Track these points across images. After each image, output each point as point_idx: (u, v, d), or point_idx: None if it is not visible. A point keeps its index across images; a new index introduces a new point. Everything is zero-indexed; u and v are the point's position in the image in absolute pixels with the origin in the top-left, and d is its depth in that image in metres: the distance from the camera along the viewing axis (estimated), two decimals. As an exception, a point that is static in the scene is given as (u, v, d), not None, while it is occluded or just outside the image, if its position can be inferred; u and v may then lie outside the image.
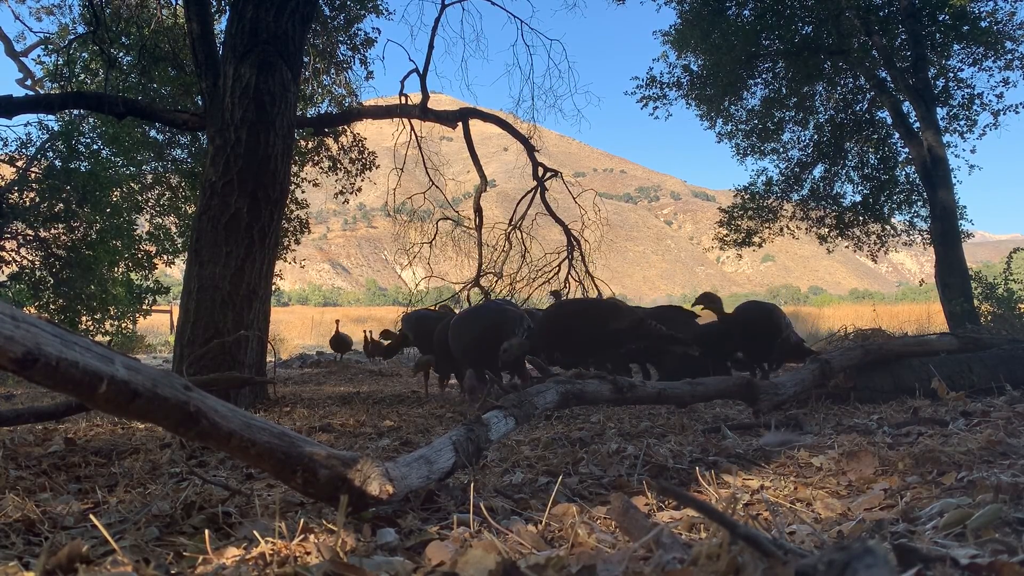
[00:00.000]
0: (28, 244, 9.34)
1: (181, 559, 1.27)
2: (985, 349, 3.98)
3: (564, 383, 2.43)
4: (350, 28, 10.75)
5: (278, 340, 13.58)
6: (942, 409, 3.07)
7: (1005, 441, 2.14)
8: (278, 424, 1.51)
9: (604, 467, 2.17)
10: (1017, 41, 11.04)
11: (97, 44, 8.57)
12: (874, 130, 12.62)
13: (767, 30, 11.75)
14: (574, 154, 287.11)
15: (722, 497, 1.74)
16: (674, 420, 3.24)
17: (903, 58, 11.14)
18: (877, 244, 13.10)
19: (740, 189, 13.59)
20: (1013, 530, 1.25)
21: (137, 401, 1.21)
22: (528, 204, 9.98)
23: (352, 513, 1.44)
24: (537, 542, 1.34)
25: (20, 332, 1.06)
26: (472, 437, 1.86)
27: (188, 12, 5.24)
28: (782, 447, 2.37)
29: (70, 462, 2.40)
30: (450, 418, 3.71)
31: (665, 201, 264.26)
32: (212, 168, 4.54)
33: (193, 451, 2.54)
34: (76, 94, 7.55)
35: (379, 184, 11.17)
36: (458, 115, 8.85)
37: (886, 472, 1.92)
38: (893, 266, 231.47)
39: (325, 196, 12.43)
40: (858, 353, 3.65)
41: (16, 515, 1.57)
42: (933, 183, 10.69)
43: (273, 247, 4.70)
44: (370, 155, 11.48)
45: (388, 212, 11.49)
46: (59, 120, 9.57)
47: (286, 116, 4.67)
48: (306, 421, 3.58)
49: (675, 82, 12.81)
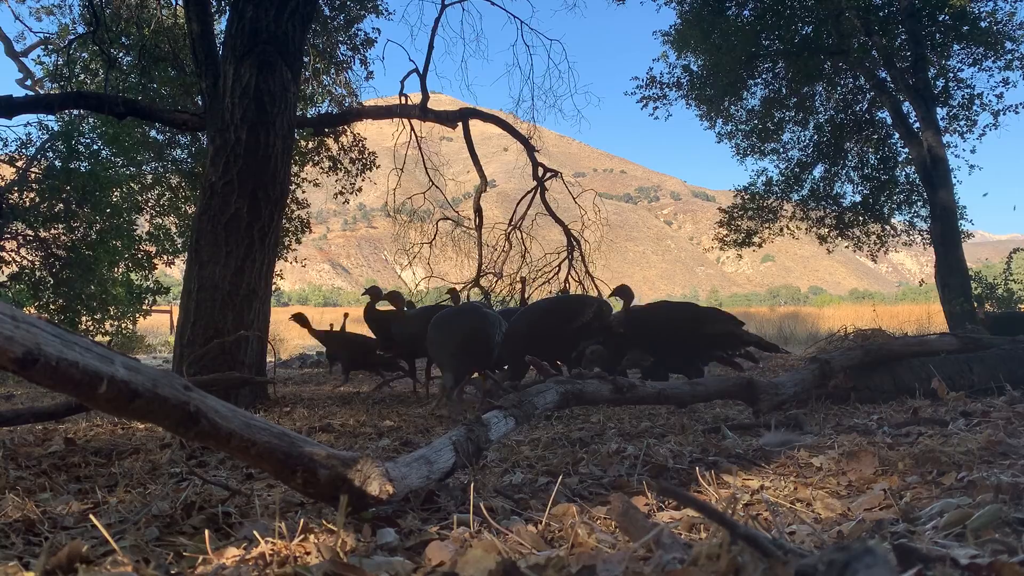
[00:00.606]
0: (28, 244, 9.33)
1: (181, 559, 1.27)
2: (985, 349, 3.98)
3: (564, 383, 2.43)
4: (350, 28, 10.76)
5: (278, 340, 13.58)
6: (942, 409, 3.07)
7: (1005, 441, 2.14)
8: (278, 424, 1.51)
9: (604, 467, 2.17)
10: (1017, 41, 11.04)
11: (97, 44, 8.57)
12: (874, 130, 12.62)
13: (767, 30, 11.75)
14: (574, 154, 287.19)
15: (722, 497, 1.74)
16: (674, 420, 3.24)
17: (903, 58, 11.14)
18: (877, 244, 13.11)
19: (740, 189, 13.59)
20: (1013, 530, 1.25)
21: (137, 401, 1.21)
22: (528, 204, 9.98)
23: (352, 513, 1.44)
24: (537, 542, 1.34)
25: (20, 332, 1.07)
26: (472, 437, 1.87)
27: (188, 12, 5.23)
28: (782, 447, 2.37)
29: (70, 462, 2.40)
30: (449, 418, 3.71)
31: (665, 201, 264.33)
32: (212, 168, 4.54)
33: (193, 451, 2.54)
34: (76, 94, 7.55)
35: (379, 184, 11.17)
36: (458, 115, 8.86)
37: (886, 472, 1.92)
38: (893, 266, 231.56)
39: (325, 196, 12.43)
40: (858, 353, 3.65)
41: (16, 515, 1.57)
42: (933, 183, 10.70)
43: (273, 247, 4.70)
44: (370, 155, 11.49)
45: (388, 212, 11.50)
46: (59, 120, 9.57)
47: (286, 116, 4.67)
48: (306, 421, 3.58)
49: (675, 82, 12.82)
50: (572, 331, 4.36)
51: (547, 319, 4.46)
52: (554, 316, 4.49)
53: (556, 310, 4.64)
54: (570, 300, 5.80)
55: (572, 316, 4.40)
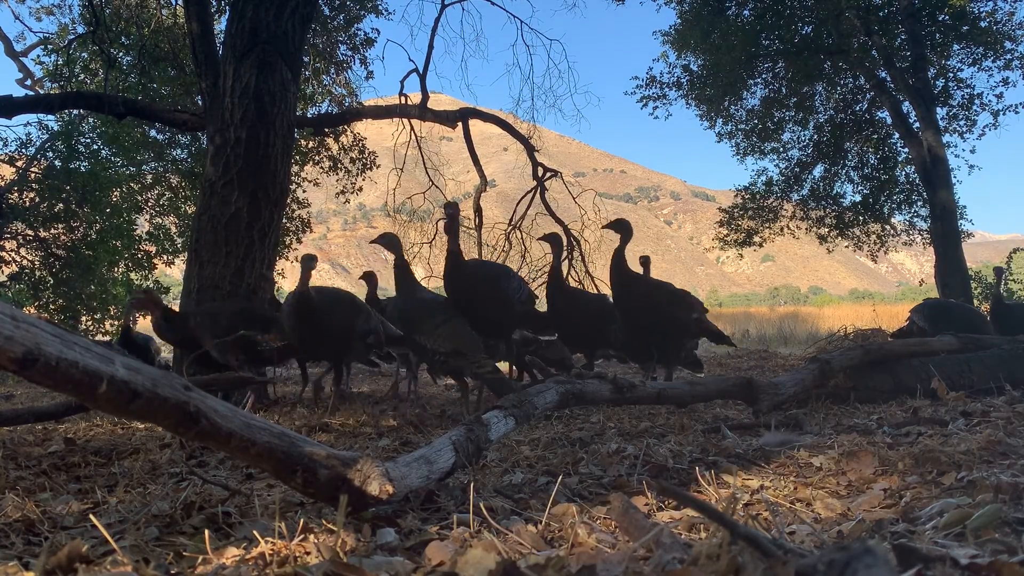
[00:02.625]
0: (28, 244, 9.34)
1: (181, 559, 1.27)
2: (985, 349, 3.98)
3: (564, 383, 2.43)
4: (350, 28, 10.77)
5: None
6: (942, 409, 3.07)
7: (1005, 441, 2.14)
8: (278, 424, 1.51)
9: (604, 467, 2.17)
10: (1017, 41, 11.06)
11: (97, 44, 8.58)
12: (874, 130, 12.63)
13: (767, 30, 11.76)
14: (574, 154, 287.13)
15: (722, 497, 1.74)
16: (674, 420, 3.24)
17: (903, 58, 11.14)
18: (877, 244, 13.12)
19: (740, 189, 13.60)
20: (1013, 530, 1.25)
21: (137, 401, 1.21)
22: (528, 204, 9.97)
23: (352, 513, 1.44)
24: (537, 542, 1.34)
25: (20, 332, 1.07)
26: (472, 437, 1.87)
27: (188, 12, 5.24)
28: (782, 447, 2.37)
29: (70, 462, 2.40)
30: (449, 417, 3.71)
31: (665, 201, 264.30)
32: (212, 168, 4.54)
33: (193, 451, 2.54)
34: (76, 94, 7.55)
35: (379, 184, 11.17)
36: (458, 115, 8.85)
37: (886, 472, 1.92)
38: (893, 266, 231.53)
39: (325, 196, 12.47)
40: (858, 353, 3.65)
41: (16, 515, 1.57)
42: (933, 183, 10.70)
43: (273, 247, 4.70)
44: (371, 154, 11.50)
45: (388, 212, 11.49)
46: (59, 120, 9.58)
47: (286, 116, 4.67)
48: (306, 421, 3.58)
49: (675, 82, 12.82)
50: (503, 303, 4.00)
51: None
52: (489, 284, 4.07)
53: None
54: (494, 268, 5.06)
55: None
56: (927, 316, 5.35)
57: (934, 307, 5.63)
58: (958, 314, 5.35)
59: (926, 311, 5.46)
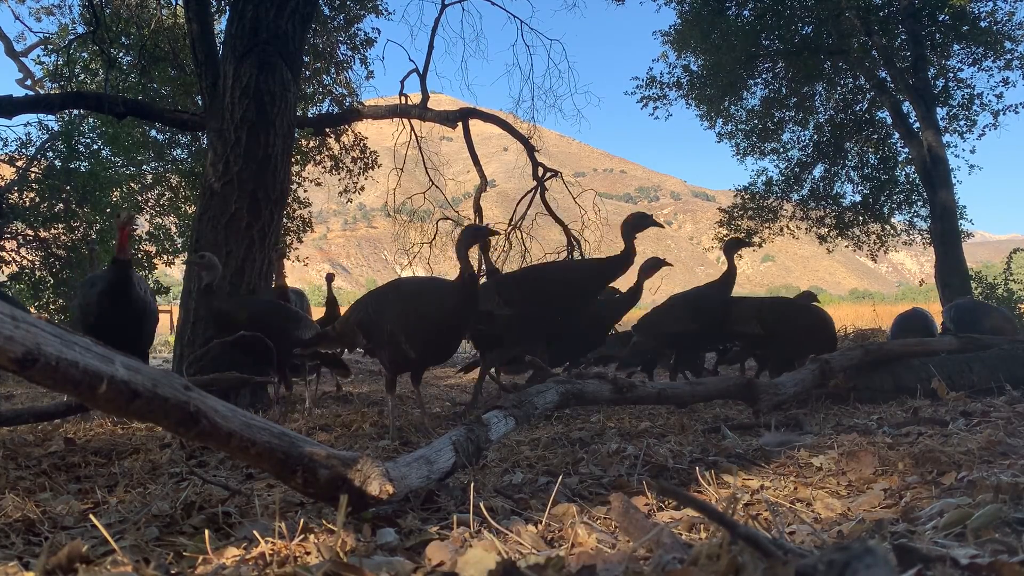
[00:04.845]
0: (28, 244, 9.34)
1: (181, 559, 1.27)
2: (985, 349, 3.98)
3: (564, 383, 2.42)
4: (350, 28, 10.77)
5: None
6: (942, 409, 3.07)
7: (1005, 441, 2.14)
8: (278, 424, 1.51)
9: (604, 467, 2.17)
10: (1017, 41, 11.05)
11: (97, 44, 8.57)
12: (874, 130, 12.63)
13: (767, 30, 11.75)
14: (574, 154, 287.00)
15: (722, 497, 1.74)
16: (674, 420, 3.24)
17: (903, 58, 11.15)
18: (877, 244, 13.11)
19: (740, 189, 13.60)
20: (1013, 530, 1.25)
21: (137, 401, 1.21)
22: (528, 204, 9.96)
23: (352, 513, 1.44)
24: (537, 542, 1.34)
25: (20, 332, 1.06)
26: (472, 437, 1.87)
27: (188, 12, 5.23)
28: (782, 447, 2.37)
29: (70, 462, 2.40)
30: (448, 417, 3.71)
31: (665, 201, 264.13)
32: (212, 168, 4.54)
33: (193, 451, 2.54)
34: (76, 94, 7.54)
35: (379, 184, 11.17)
36: (458, 115, 8.84)
37: (886, 472, 1.92)
38: (893, 266, 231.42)
39: (326, 196, 12.46)
40: (858, 353, 3.65)
41: (16, 515, 1.57)
42: (933, 183, 10.70)
43: (273, 247, 4.70)
44: (372, 154, 11.50)
45: (388, 212, 11.49)
46: (59, 120, 9.58)
47: (286, 116, 4.66)
48: (306, 421, 3.58)
49: (675, 82, 12.82)
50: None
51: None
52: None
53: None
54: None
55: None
56: (953, 318, 5.30)
57: (961, 308, 5.54)
58: (983, 315, 5.26)
59: (953, 313, 5.41)
